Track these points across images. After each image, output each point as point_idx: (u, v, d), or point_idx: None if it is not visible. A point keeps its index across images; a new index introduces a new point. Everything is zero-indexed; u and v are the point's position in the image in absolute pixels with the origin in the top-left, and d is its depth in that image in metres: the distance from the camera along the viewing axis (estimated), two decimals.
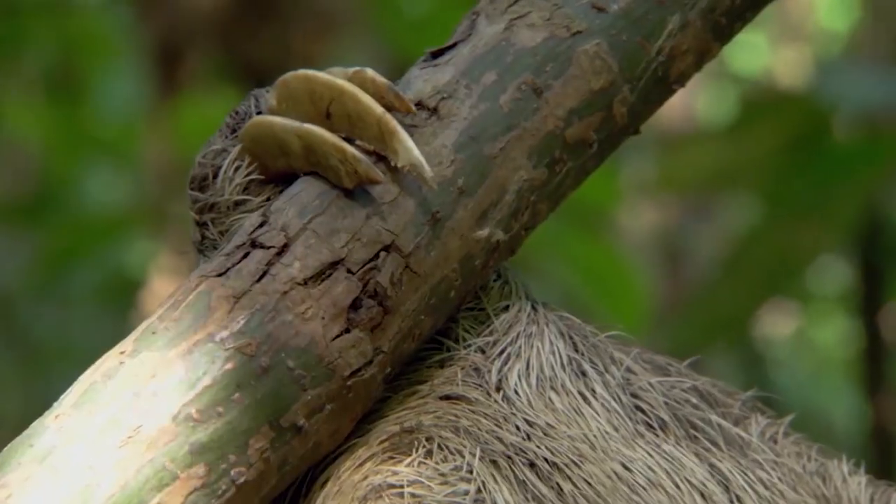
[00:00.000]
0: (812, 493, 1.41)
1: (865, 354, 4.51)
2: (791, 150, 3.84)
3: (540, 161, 1.43)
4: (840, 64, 6.18)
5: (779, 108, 3.96)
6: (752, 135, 3.91)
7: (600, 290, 4.50)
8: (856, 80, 4.14)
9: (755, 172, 3.90)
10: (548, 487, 1.37)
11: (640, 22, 1.45)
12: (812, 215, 3.81)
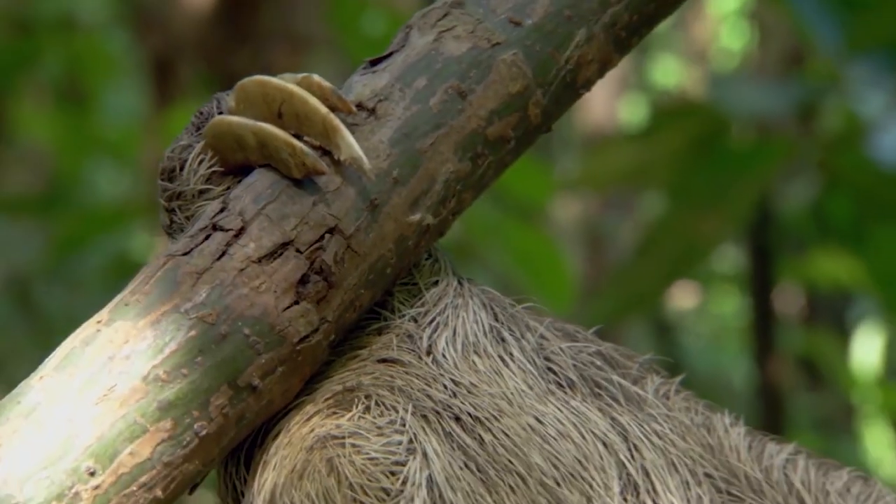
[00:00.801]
0: (698, 442, 1.40)
1: (756, 325, 4.53)
2: (694, 151, 3.85)
3: (465, 155, 1.42)
4: (735, 78, 6.20)
5: (684, 116, 3.97)
6: (661, 138, 3.92)
7: (533, 272, 4.51)
8: (748, 91, 4.16)
9: (664, 171, 3.91)
10: (471, 438, 1.36)
11: (551, 35, 1.44)
12: (712, 208, 3.82)
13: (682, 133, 3.89)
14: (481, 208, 4.61)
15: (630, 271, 4.13)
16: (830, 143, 3.89)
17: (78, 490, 1.28)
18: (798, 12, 3.82)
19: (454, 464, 1.35)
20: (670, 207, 3.94)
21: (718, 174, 3.84)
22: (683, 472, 1.38)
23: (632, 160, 4.00)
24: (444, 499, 1.34)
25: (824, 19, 3.74)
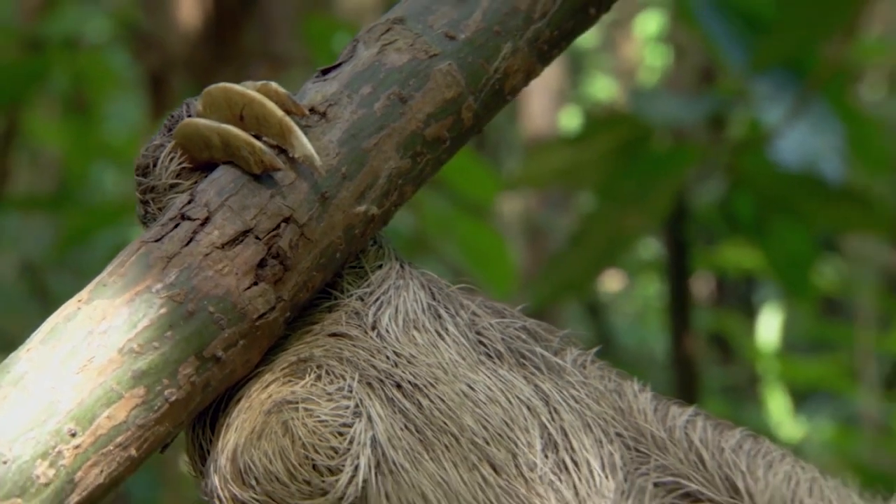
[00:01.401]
0: (611, 406, 1.39)
1: (673, 306, 4.54)
2: (620, 155, 3.86)
3: (405, 153, 1.40)
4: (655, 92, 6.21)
5: (612, 124, 3.98)
6: (592, 144, 3.92)
7: (481, 262, 4.51)
8: (666, 103, 4.17)
9: (594, 172, 3.91)
10: (410, 403, 1.35)
11: (482, 48, 1.43)
12: (635, 205, 3.83)
13: (610, 139, 3.90)
14: (436, 205, 4.61)
15: (564, 260, 4.13)
16: (737, 148, 3.90)
17: (61, 449, 1.26)
18: (709, 35, 3.82)
19: (395, 425, 1.34)
20: (599, 204, 3.95)
21: (640, 175, 3.85)
22: (597, 431, 1.37)
23: (566, 163, 4.01)
24: (387, 456, 1.33)
25: (731, 41, 3.75)
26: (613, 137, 3.93)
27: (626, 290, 8.41)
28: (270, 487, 1.34)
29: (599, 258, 4.08)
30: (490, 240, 4.55)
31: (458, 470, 1.33)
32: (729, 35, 3.80)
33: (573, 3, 1.45)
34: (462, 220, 4.54)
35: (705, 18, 3.83)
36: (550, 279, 4.26)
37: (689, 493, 1.37)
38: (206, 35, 5.06)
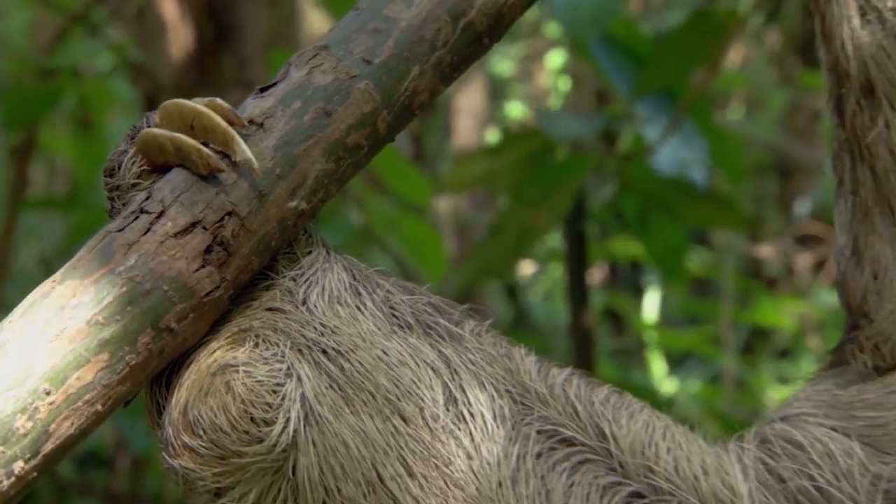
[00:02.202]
0: (501, 367, 1.37)
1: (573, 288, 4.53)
2: (529, 164, 3.84)
3: (330, 157, 1.37)
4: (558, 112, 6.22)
5: (523, 138, 3.96)
6: (506, 154, 3.90)
7: (418, 252, 4.51)
8: (567, 121, 4.16)
9: (508, 177, 3.89)
10: (334, 366, 1.32)
11: (394, 70, 1.40)
12: (541, 205, 3.82)
13: (521, 151, 3.88)
14: (382, 205, 4.61)
15: (484, 250, 4.11)
16: (623, 159, 3.89)
17: (37, 405, 1.24)
18: (600, 68, 3.82)
19: (321, 384, 1.32)
20: (512, 204, 3.92)
21: (546, 180, 3.83)
22: (490, 389, 1.35)
23: (485, 170, 3.99)
24: (314, 410, 1.31)
25: (618, 73, 3.76)
26: (524, 149, 3.91)
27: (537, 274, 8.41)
28: (215, 436, 1.31)
29: (513, 249, 4.06)
30: (426, 234, 4.54)
31: (373, 421, 1.31)
32: (616, 68, 3.80)
33: (469, 35, 1.42)
34: (403, 218, 4.54)
35: (597, 54, 3.82)
36: (473, 266, 4.24)
37: (565, 439, 1.35)
38: (191, 65, 5.03)
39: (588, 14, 3.68)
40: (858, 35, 1.35)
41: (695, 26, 3.63)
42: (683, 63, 3.65)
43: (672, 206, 3.83)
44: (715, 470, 1.37)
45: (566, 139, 3.92)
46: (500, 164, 3.94)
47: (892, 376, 1.39)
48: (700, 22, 3.65)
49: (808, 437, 1.38)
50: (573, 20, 3.69)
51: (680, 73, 3.68)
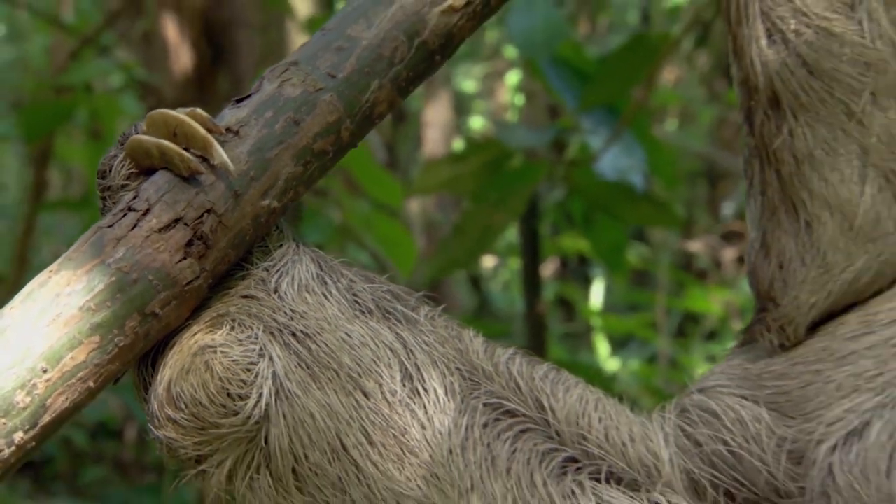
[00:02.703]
0: (452, 348, 1.36)
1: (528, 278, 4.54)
2: (489, 170, 3.83)
3: (298, 162, 1.35)
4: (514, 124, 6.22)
5: (484, 147, 3.96)
6: (469, 161, 3.90)
7: (391, 248, 4.51)
8: (522, 132, 4.16)
9: (470, 182, 3.88)
10: (303, 347, 1.31)
11: (356, 84, 1.38)
12: (500, 206, 3.82)
13: (482, 158, 3.88)
14: (359, 206, 4.60)
15: (449, 246, 4.10)
16: (571, 165, 3.89)
17: (35, 382, 1.22)
18: (552, 85, 3.82)
19: (291, 363, 1.30)
20: (474, 205, 3.91)
21: (503, 184, 3.83)
22: (442, 367, 1.34)
23: (450, 175, 3.98)
24: (284, 386, 1.30)
25: (566, 90, 3.76)
26: (484, 157, 3.91)
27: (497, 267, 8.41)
28: (195, 410, 1.30)
29: (475, 245, 4.06)
30: (398, 232, 4.54)
31: (337, 396, 1.30)
32: (565, 85, 3.80)
33: (423, 53, 1.40)
34: (378, 218, 4.53)
35: (548, 74, 3.82)
36: (439, 260, 4.23)
37: (508, 411, 1.34)
38: (191, 83, 5.02)
39: (540, 38, 3.68)
40: (765, 54, 1.35)
41: (633, 49, 3.63)
42: (623, 81, 3.66)
43: (614, 207, 3.83)
44: (640, 437, 1.36)
45: (521, 148, 3.92)
46: (463, 170, 3.93)
47: (794, 351, 1.39)
48: (638, 45, 3.65)
49: (721, 405, 1.38)
50: (527, 44, 3.70)
51: (620, 90, 3.69)
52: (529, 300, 4.61)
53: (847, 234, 1.35)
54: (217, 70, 5.14)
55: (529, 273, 4.64)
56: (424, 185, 4.34)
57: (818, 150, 1.34)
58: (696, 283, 5.52)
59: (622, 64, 3.63)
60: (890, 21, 1.33)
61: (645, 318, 5.44)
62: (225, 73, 5.10)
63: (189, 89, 4.99)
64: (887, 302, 1.36)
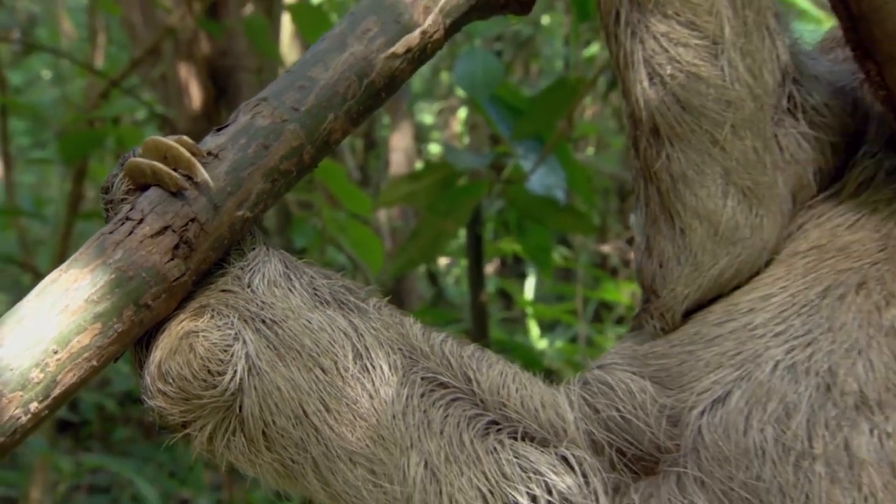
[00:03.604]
0: (396, 332, 1.34)
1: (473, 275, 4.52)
2: (440, 186, 3.80)
3: (267, 179, 1.32)
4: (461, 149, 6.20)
5: (436, 168, 3.93)
6: (425, 179, 3.87)
7: (362, 249, 4.47)
8: (467, 156, 4.14)
9: (425, 196, 3.85)
10: (271, 331, 1.29)
11: (315, 116, 1.35)
12: (449, 216, 3.78)
13: (435, 177, 3.85)
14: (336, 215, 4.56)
15: (408, 248, 4.07)
16: (507, 183, 3.86)
17: (47, 361, 1.20)
18: (491, 119, 3.81)
19: (261, 345, 1.28)
20: (428, 215, 3.89)
21: (452, 198, 3.81)
22: (387, 347, 1.32)
23: (409, 191, 3.95)
24: (255, 364, 1.27)
25: (503, 122, 3.75)
26: (437, 176, 3.88)
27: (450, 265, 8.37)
28: (181, 383, 1.28)
29: (429, 247, 4.03)
30: (368, 236, 4.49)
31: (300, 372, 1.28)
32: (501, 119, 3.78)
33: (371, 90, 1.38)
34: (352, 225, 4.49)
35: (488, 110, 3.81)
36: (401, 259, 4.20)
37: (442, 383, 1.33)
38: (200, 116, 4.98)
39: (480, 81, 3.67)
40: (647, 93, 1.34)
41: (557, 90, 3.62)
42: (549, 116, 3.64)
43: (541, 217, 3.82)
44: (550, 404, 1.35)
45: (467, 169, 3.90)
46: (419, 187, 3.90)
47: (672, 335, 1.38)
48: (560, 87, 3.64)
49: (615, 379, 1.37)
50: (470, 85, 3.68)
51: (546, 123, 3.67)
52: (474, 292, 4.59)
53: (713, 239, 1.34)
54: (221, 106, 5.11)
55: (474, 270, 4.62)
56: (388, 198, 4.30)
57: (690, 171, 1.33)
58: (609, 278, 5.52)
59: (548, 102, 3.62)
60: (745, 68, 1.32)
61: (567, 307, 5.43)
62: (227, 109, 5.06)
63: (198, 121, 4.95)
64: (745, 294, 1.35)
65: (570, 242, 6.38)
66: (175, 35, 5.13)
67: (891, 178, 1.36)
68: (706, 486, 1.25)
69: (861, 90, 1.40)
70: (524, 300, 5.64)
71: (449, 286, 7.85)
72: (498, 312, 6.78)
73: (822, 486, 1.20)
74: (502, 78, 3.82)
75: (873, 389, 1.22)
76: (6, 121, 5.49)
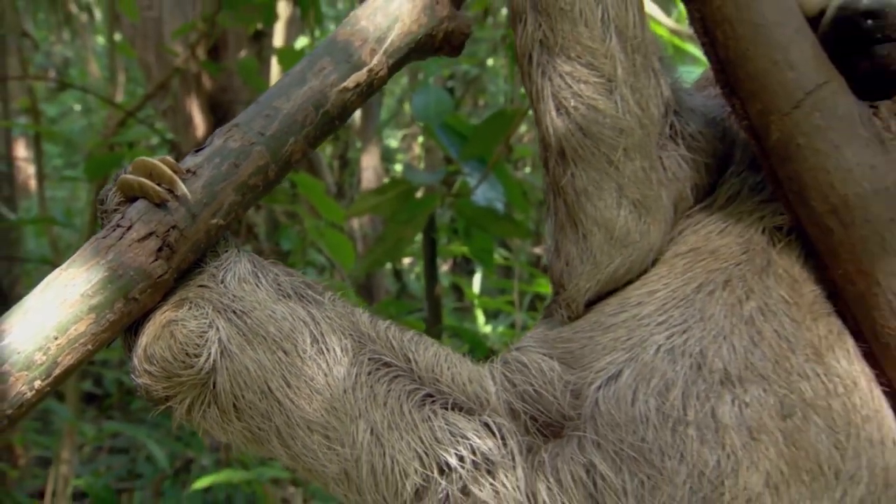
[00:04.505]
0: (347, 321, 1.33)
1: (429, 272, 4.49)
2: (400, 199, 3.77)
3: (238, 192, 1.30)
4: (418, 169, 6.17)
5: (397, 184, 3.90)
6: (388, 193, 3.84)
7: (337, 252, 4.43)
8: (422, 174, 4.11)
9: (389, 207, 3.82)
10: (240, 320, 1.26)
11: (278, 140, 1.33)
12: (408, 224, 3.75)
13: (396, 191, 3.83)
14: (315, 223, 4.52)
15: (375, 250, 4.03)
16: (456, 196, 3.85)
17: (49, 346, 1.17)
18: (443, 143, 3.80)
19: (232, 332, 1.26)
20: (391, 223, 3.85)
21: (410, 209, 3.78)
22: (339, 333, 1.30)
23: (375, 203, 3.91)
24: (227, 347, 1.25)
25: (452, 145, 3.73)
26: (398, 190, 3.85)
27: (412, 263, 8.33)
28: (164, 364, 1.25)
29: (392, 249, 3.99)
30: (342, 240, 4.46)
31: (265, 354, 1.26)
32: (451, 143, 3.77)
33: (326, 118, 1.36)
34: (329, 231, 4.45)
35: (440, 135, 3.79)
36: (368, 259, 4.16)
37: (386, 363, 1.31)
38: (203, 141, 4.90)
39: (433, 112, 3.66)
40: (555, 122, 1.33)
41: (497, 119, 3.61)
42: (490, 141, 3.63)
43: (485, 224, 3.80)
44: (476, 379, 1.34)
45: (423, 184, 3.88)
46: (384, 199, 3.87)
47: (576, 323, 1.37)
48: (500, 116, 3.63)
49: (529, 359, 1.36)
50: (425, 116, 3.66)
51: (488, 147, 3.66)
52: (430, 287, 4.56)
53: (609, 242, 1.33)
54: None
55: (429, 269, 4.59)
56: (358, 209, 4.26)
57: (590, 186, 1.33)
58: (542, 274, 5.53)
59: (489, 129, 3.60)
60: (635, 102, 1.32)
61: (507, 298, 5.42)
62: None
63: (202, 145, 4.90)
64: (635, 289, 1.35)
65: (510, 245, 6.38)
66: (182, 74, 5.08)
67: (753, 192, 1.36)
68: (601, 447, 1.24)
69: (729, 121, 1.41)
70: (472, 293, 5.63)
71: (411, 281, 7.81)
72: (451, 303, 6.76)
73: (693, 447, 1.20)
74: (452, 109, 3.81)
75: (735, 367, 1.22)
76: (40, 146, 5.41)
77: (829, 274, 1.28)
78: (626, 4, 1.32)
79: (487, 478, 1.25)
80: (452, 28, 1.42)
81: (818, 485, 1.18)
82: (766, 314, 1.26)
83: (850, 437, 1.20)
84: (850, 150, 1.24)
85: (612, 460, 1.23)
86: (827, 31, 1.27)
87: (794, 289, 1.28)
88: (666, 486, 1.19)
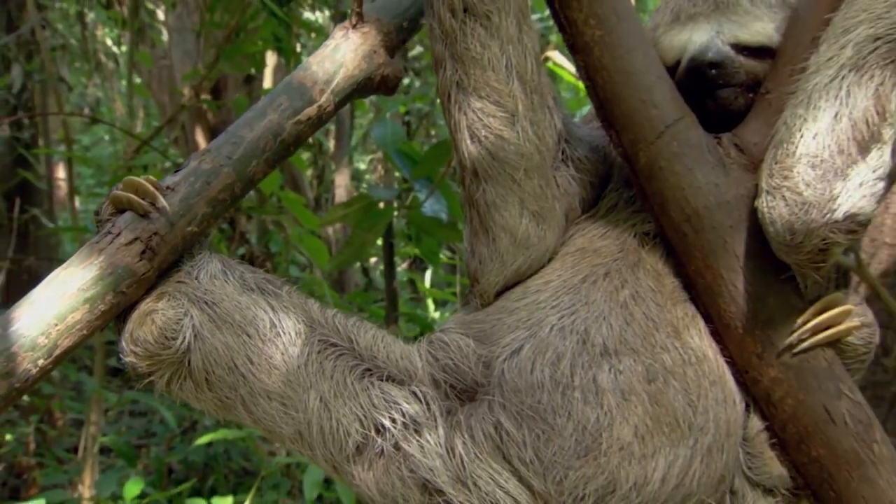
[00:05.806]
0: (301, 310, 1.30)
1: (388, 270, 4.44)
2: (364, 211, 3.73)
3: (209, 205, 1.27)
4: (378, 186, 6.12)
5: (361, 198, 3.85)
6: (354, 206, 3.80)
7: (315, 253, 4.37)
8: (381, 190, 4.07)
9: (355, 217, 3.76)
10: (211, 310, 1.23)
11: (244, 162, 1.30)
12: (371, 230, 3.71)
13: (361, 204, 3.78)
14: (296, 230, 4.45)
15: (344, 252, 3.98)
16: (409, 208, 3.82)
17: (50, 331, 1.14)
18: (398, 165, 3.77)
19: (204, 319, 1.22)
20: (356, 230, 3.80)
21: (371, 219, 3.74)
22: (294, 319, 1.27)
23: (343, 214, 3.86)
24: (199, 332, 1.22)
25: (406, 167, 3.71)
26: (362, 203, 3.81)
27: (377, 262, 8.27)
28: (146, 346, 1.21)
29: (358, 251, 3.94)
30: (318, 244, 4.41)
31: (232, 337, 1.23)
32: (404, 165, 3.75)
33: (282, 145, 1.32)
34: (307, 236, 4.39)
35: (395, 159, 3.76)
36: (339, 259, 4.11)
37: (332, 344, 1.28)
38: None
39: (390, 140, 3.63)
40: (469, 149, 1.32)
41: (440, 147, 3.59)
42: (436, 164, 3.61)
43: (432, 231, 3.78)
44: (406, 356, 1.32)
45: (382, 199, 3.85)
46: (351, 211, 3.83)
47: (488, 308, 1.36)
48: (443, 145, 3.61)
49: (450, 338, 1.34)
50: (383, 143, 3.64)
51: (434, 168, 3.64)
52: (388, 281, 4.53)
53: (513, 245, 1.32)
54: None
55: (388, 267, 4.56)
56: (330, 219, 4.20)
57: (497, 200, 1.32)
58: None
59: (435, 154, 3.59)
60: (533, 132, 1.31)
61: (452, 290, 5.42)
62: None
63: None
64: (534, 281, 1.34)
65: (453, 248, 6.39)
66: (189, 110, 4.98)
67: (627, 204, 1.37)
68: (506, 408, 1.23)
69: (608, 148, 1.41)
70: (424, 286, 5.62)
71: (377, 277, 7.75)
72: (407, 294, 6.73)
73: (578, 407, 1.19)
74: (405, 138, 3.79)
75: (612, 342, 1.22)
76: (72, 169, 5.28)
77: (685, 269, 1.29)
78: (525, 54, 1.31)
79: (415, 436, 1.23)
80: (388, 72, 1.40)
81: (675, 435, 1.19)
82: (636, 300, 1.26)
83: (700, 398, 1.20)
84: (700, 171, 1.24)
85: (514, 419, 1.22)
86: (682, 77, 1.28)
87: (659, 280, 1.29)
88: (557, 439, 1.19)
